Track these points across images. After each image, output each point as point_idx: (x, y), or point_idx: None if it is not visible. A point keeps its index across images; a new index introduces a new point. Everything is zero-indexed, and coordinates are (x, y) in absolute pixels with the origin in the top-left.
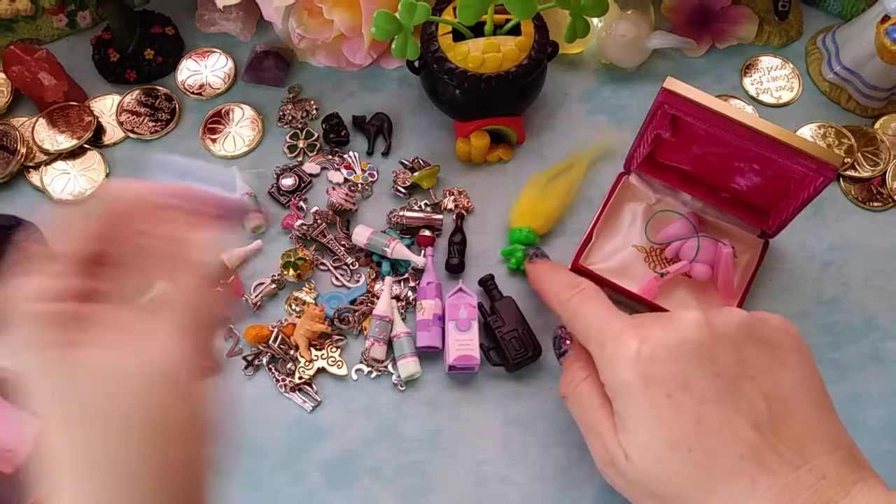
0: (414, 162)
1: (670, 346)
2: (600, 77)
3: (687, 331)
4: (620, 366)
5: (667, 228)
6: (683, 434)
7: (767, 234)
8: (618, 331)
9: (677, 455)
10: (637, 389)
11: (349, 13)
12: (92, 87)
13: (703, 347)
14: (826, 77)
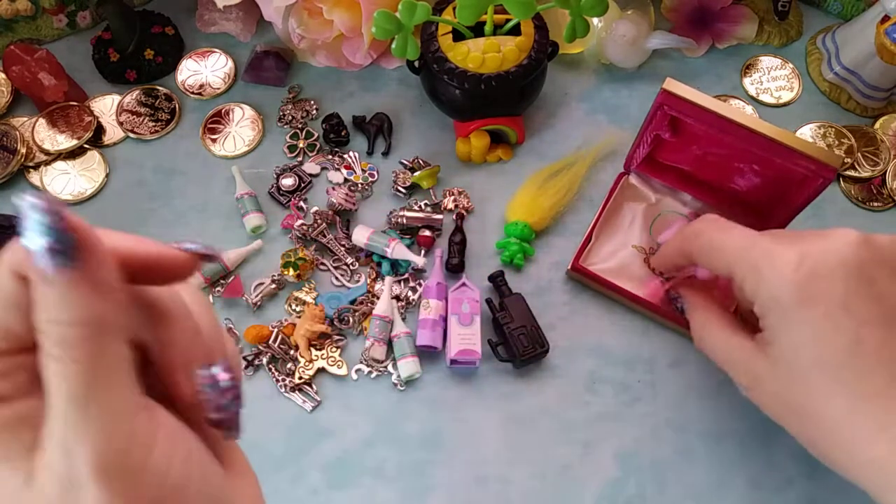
0: (414, 162)
1: (831, 264)
2: (600, 77)
3: (847, 250)
4: (776, 281)
5: (668, 230)
6: (836, 352)
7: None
8: (770, 248)
9: (827, 373)
10: (792, 305)
11: (349, 13)
12: (92, 87)
13: (864, 269)
14: (826, 77)
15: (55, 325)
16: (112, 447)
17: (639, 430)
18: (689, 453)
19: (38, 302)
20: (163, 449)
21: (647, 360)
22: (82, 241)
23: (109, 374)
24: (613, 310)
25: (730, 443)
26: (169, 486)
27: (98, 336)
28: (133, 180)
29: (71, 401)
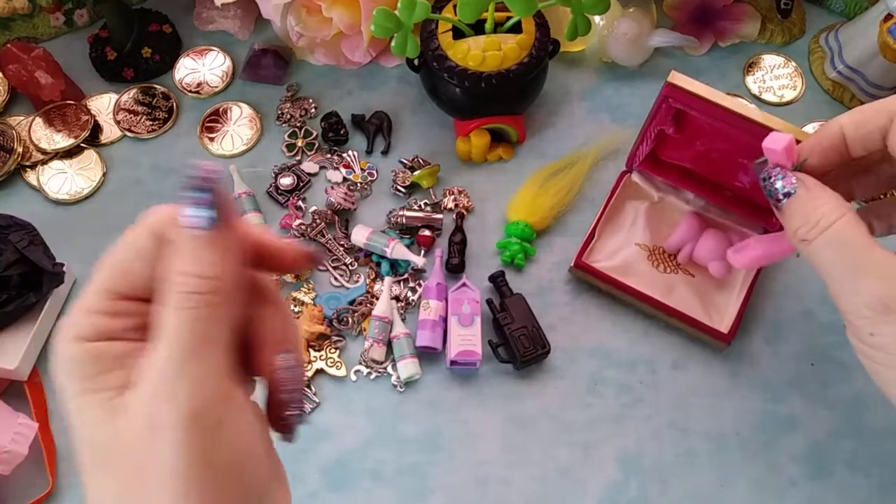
0: (413, 161)
1: None
2: (602, 75)
3: None
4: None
5: (677, 229)
6: None
7: (771, 232)
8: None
9: None
10: None
11: (348, 11)
12: (89, 85)
13: None
14: (829, 75)
15: (184, 276)
16: (201, 400)
17: (640, 432)
18: (691, 455)
19: (174, 256)
20: (235, 419)
21: (649, 361)
22: (226, 210)
23: (215, 333)
24: (615, 310)
25: (731, 445)
26: (232, 454)
27: (216, 295)
28: (130, 179)
29: (177, 348)
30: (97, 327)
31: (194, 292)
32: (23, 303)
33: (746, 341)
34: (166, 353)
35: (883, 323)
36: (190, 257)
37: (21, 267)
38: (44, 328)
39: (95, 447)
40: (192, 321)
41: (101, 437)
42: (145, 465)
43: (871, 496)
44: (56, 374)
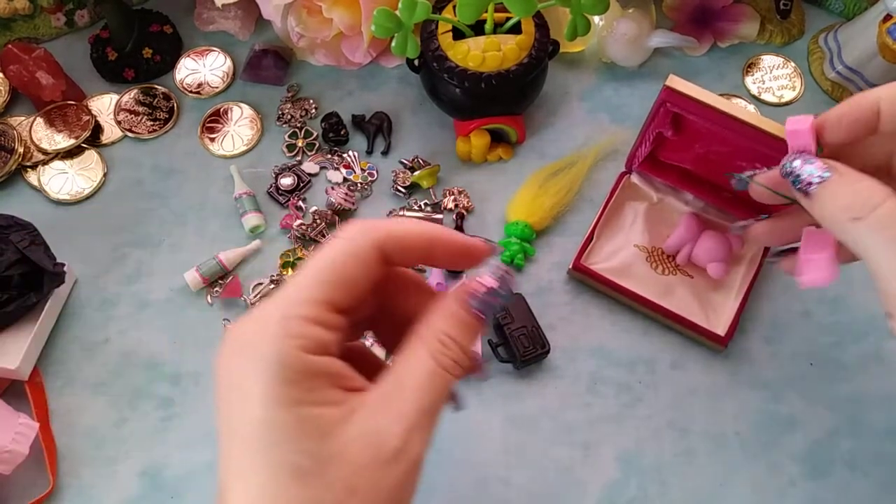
0: (414, 161)
1: None
2: (601, 76)
3: None
4: None
5: (676, 230)
6: None
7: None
8: None
9: None
10: None
11: (348, 11)
12: (90, 85)
13: None
14: (828, 76)
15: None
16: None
17: (640, 432)
18: (691, 455)
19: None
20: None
21: (649, 360)
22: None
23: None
24: (614, 310)
25: (731, 444)
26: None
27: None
28: (131, 180)
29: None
30: (319, 339)
31: (455, 361)
32: (24, 303)
33: (745, 341)
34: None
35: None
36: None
37: (22, 267)
38: (45, 328)
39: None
40: (442, 386)
41: (309, 448)
42: (359, 488)
43: (870, 496)
44: (252, 377)
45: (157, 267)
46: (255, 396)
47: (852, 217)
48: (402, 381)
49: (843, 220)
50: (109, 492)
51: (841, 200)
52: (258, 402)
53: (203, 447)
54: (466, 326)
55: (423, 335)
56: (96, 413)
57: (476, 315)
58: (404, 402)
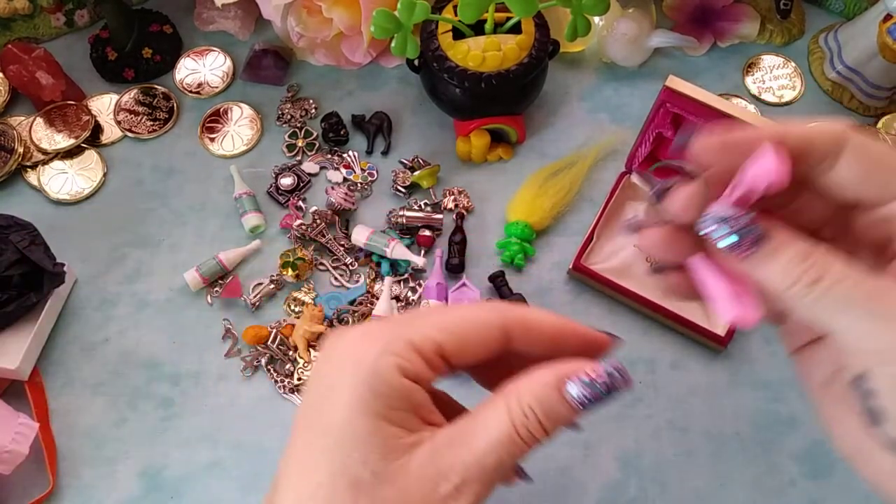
0: (414, 161)
1: None
2: (601, 76)
3: None
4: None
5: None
6: None
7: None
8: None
9: None
10: None
11: (348, 11)
12: (90, 85)
13: None
14: (828, 76)
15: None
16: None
17: (640, 432)
18: (691, 454)
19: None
20: None
21: (648, 360)
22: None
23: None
24: (615, 310)
25: (731, 444)
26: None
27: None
28: (131, 179)
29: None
30: (417, 369)
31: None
32: (23, 303)
33: (745, 341)
34: (477, 458)
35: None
36: (548, 412)
37: (22, 267)
38: (44, 328)
39: (359, 467)
40: (511, 452)
41: (372, 463)
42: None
43: (870, 495)
44: (353, 379)
45: (156, 267)
46: (343, 397)
47: (808, 283)
48: (476, 431)
49: (794, 291)
50: (109, 492)
51: (791, 266)
52: (345, 404)
53: (203, 447)
54: (554, 411)
55: (509, 398)
56: (96, 413)
57: (568, 403)
58: (470, 453)
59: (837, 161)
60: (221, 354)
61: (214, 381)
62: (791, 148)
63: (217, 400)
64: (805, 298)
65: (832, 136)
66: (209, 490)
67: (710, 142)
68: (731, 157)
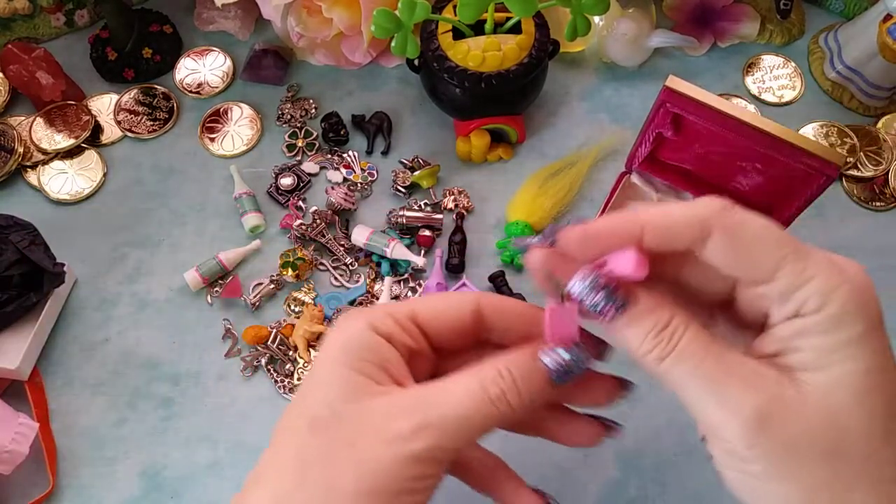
0: (414, 161)
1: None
2: (601, 76)
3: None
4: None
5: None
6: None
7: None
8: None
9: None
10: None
11: (348, 11)
12: (90, 85)
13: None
14: (828, 76)
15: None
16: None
17: (640, 432)
18: (691, 454)
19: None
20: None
21: None
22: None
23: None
24: None
25: None
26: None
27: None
28: (131, 179)
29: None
30: (388, 328)
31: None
32: (23, 303)
33: None
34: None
35: (761, 433)
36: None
37: (22, 267)
38: (44, 328)
39: (322, 408)
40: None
41: (335, 404)
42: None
43: None
44: (332, 337)
45: (156, 267)
46: (324, 355)
47: (657, 358)
48: (446, 387)
49: (647, 359)
50: (109, 492)
51: (643, 335)
52: (323, 359)
53: (203, 447)
54: (529, 371)
55: (482, 364)
56: (96, 413)
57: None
58: (435, 401)
59: (705, 246)
60: (221, 354)
61: (214, 381)
62: (653, 237)
63: (217, 400)
64: (657, 367)
65: (696, 223)
66: (209, 490)
67: (572, 234)
68: (594, 248)
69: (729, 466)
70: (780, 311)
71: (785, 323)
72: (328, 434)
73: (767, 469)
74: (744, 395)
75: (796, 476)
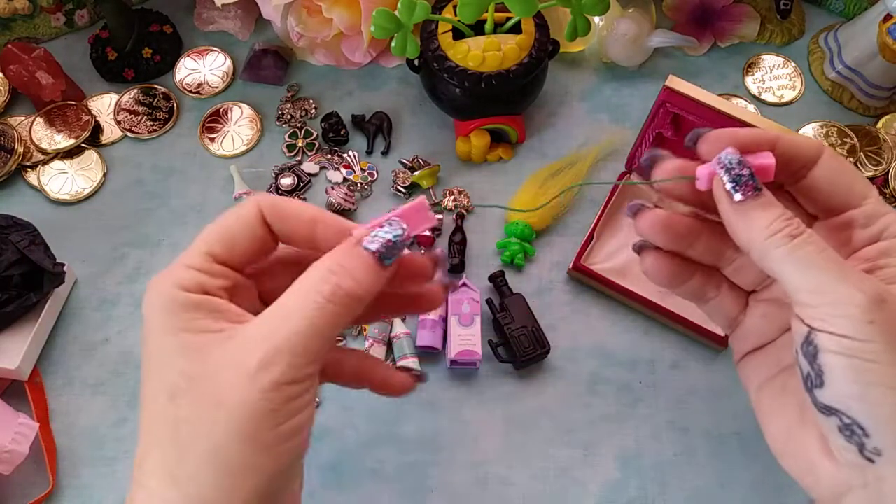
0: (414, 161)
1: None
2: (601, 76)
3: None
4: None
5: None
6: None
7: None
8: None
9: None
10: None
11: (348, 11)
12: (90, 85)
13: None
14: (828, 76)
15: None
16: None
17: (640, 432)
18: (691, 455)
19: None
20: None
21: (649, 361)
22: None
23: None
24: (615, 310)
25: (731, 444)
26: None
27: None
28: (131, 179)
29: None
30: (197, 281)
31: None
32: (23, 303)
33: None
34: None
35: (879, 310)
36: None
37: (22, 267)
38: (44, 328)
39: (174, 377)
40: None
41: (185, 369)
42: (224, 401)
43: None
44: (149, 311)
45: (156, 267)
46: (150, 329)
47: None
48: (281, 304)
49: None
50: (109, 492)
51: (771, 218)
52: (152, 333)
53: None
54: (354, 257)
55: (309, 269)
56: (96, 413)
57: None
58: (272, 331)
59: (816, 165)
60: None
61: None
62: (786, 147)
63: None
64: (778, 249)
65: (815, 143)
66: None
67: (720, 135)
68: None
69: (845, 352)
70: (865, 233)
71: (871, 246)
72: (189, 398)
73: (884, 348)
74: (863, 279)
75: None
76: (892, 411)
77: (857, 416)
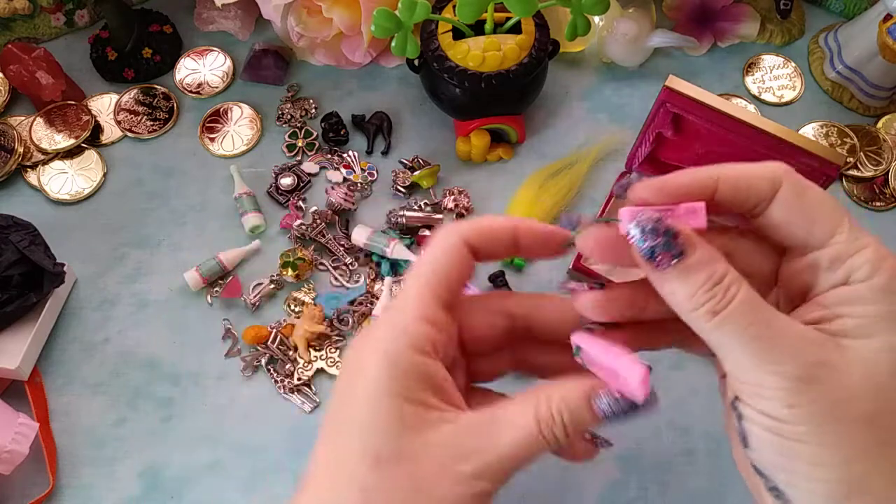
0: (414, 161)
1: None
2: (601, 76)
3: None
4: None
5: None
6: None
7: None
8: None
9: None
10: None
11: (348, 11)
12: (90, 85)
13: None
14: (828, 76)
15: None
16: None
17: (640, 432)
18: (691, 455)
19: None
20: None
21: (648, 361)
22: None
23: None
24: None
25: None
26: None
27: None
28: (131, 180)
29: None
30: (431, 339)
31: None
32: (23, 303)
33: None
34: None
35: (805, 394)
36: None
37: (22, 267)
38: (44, 328)
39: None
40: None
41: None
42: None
43: None
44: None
45: (156, 267)
46: (367, 384)
47: (710, 311)
48: (501, 424)
49: (700, 311)
50: (109, 492)
51: (692, 290)
52: (368, 390)
53: (203, 447)
54: (581, 418)
55: (538, 399)
56: (96, 413)
57: (595, 413)
58: (493, 443)
59: (771, 203)
60: (221, 354)
61: (214, 381)
62: (728, 188)
63: (217, 400)
64: (704, 323)
65: (769, 176)
66: (209, 490)
67: (649, 185)
68: (668, 200)
69: (766, 429)
70: (829, 278)
71: (832, 291)
72: (391, 472)
73: (809, 431)
74: (791, 356)
75: (836, 440)
76: (817, 487)
77: (782, 486)
